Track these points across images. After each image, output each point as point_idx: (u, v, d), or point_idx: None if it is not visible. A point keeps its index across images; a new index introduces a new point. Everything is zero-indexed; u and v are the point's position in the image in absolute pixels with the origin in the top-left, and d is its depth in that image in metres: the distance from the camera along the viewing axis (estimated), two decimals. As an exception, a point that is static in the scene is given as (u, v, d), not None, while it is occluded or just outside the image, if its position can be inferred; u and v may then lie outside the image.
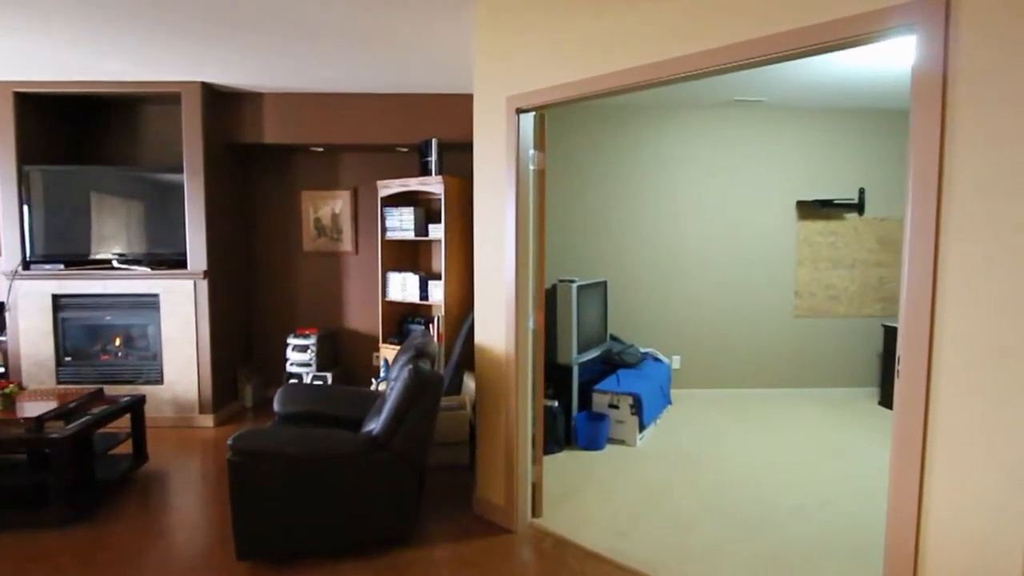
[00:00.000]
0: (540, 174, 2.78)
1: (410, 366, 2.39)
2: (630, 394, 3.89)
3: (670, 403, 4.81)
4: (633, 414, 3.88)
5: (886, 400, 4.92)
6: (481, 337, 2.91)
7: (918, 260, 1.61)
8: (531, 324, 2.79)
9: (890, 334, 4.89)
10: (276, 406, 3.08)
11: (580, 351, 4.00)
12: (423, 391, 2.39)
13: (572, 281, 3.95)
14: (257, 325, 5.01)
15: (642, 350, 4.85)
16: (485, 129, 2.82)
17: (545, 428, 3.43)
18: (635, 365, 4.54)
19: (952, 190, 1.55)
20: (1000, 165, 1.47)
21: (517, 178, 2.66)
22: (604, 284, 4.52)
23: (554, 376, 3.95)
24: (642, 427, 3.94)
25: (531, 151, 2.72)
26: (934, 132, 1.55)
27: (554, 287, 3.97)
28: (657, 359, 4.83)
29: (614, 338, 4.85)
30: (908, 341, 1.64)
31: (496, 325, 2.82)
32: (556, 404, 3.79)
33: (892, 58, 3.59)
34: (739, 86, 4.23)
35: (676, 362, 5.07)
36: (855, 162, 5.05)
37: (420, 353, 2.54)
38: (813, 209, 5.05)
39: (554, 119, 4.82)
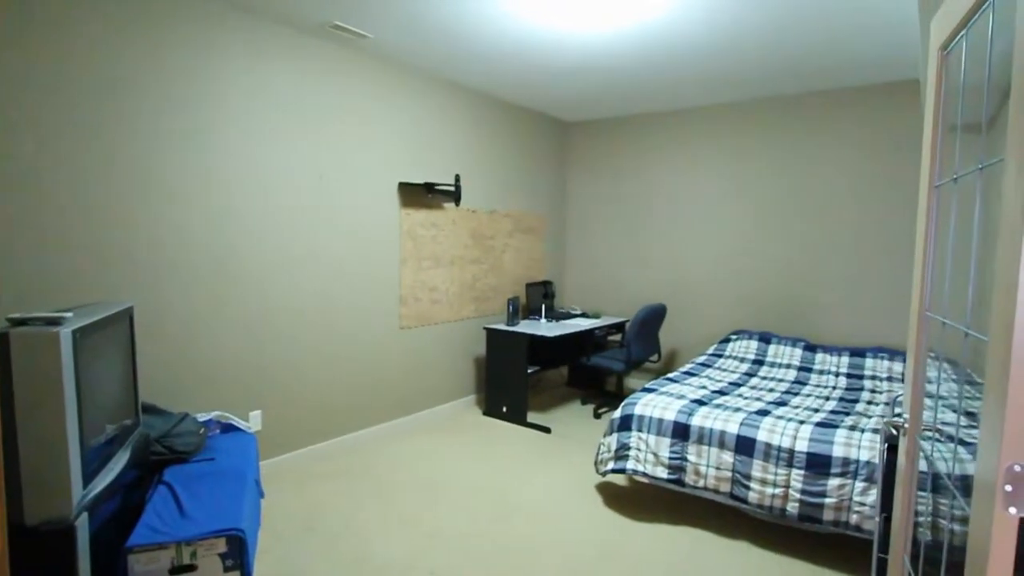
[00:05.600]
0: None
1: None
2: (219, 534, 1.97)
3: (263, 496, 2.99)
4: (230, 569, 1.99)
5: (491, 409, 4.48)
6: None
7: None
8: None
9: (493, 336, 4.45)
10: None
11: (89, 477, 1.79)
12: None
13: (57, 322, 1.71)
14: None
15: (201, 419, 2.84)
16: None
17: None
18: (195, 454, 2.54)
19: None
20: None
21: None
22: (128, 315, 2.31)
23: (27, 555, 1.62)
24: (245, 581, 2.08)
25: None
26: None
27: (4, 339, 1.62)
28: (231, 427, 2.91)
29: (148, 409, 2.66)
30: None
31: None
32: (34, 630, 1.53)
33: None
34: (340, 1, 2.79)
35: (256, 421, 3.25)
36: (449, 144, 4.35)
37: None
38: (418, 195, 4.10)
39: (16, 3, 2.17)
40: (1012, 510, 0.91)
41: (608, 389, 5.26)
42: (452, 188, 4.23)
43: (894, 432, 1.62)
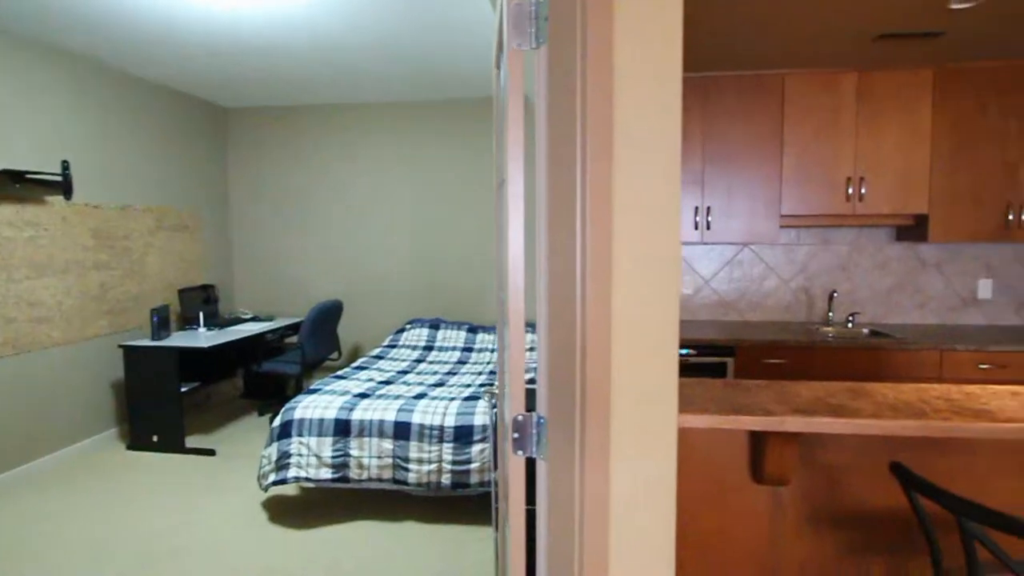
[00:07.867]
0: None
1: None
2: None
3: None
4: None
5: (138, 441, 3.80)
6: None
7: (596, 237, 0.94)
8: None
9: (132, 355, 3.76)
10: None
11: None
12: None
13: None
14: None
15: None
16: None
17: None
18: None
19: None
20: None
21: None
22: None
23: None
24: None
25: None
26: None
27: None
28: None
29: None
30: (589, 371, 0.95)
31: None
32: None
33: None
34: None
35: None
36: (49, 124, 3.48)
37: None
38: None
39: None
40: (519, 452, 1.12)
41: (289, 395, 4.99)
42: (57, 178, 3.41)
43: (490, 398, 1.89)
